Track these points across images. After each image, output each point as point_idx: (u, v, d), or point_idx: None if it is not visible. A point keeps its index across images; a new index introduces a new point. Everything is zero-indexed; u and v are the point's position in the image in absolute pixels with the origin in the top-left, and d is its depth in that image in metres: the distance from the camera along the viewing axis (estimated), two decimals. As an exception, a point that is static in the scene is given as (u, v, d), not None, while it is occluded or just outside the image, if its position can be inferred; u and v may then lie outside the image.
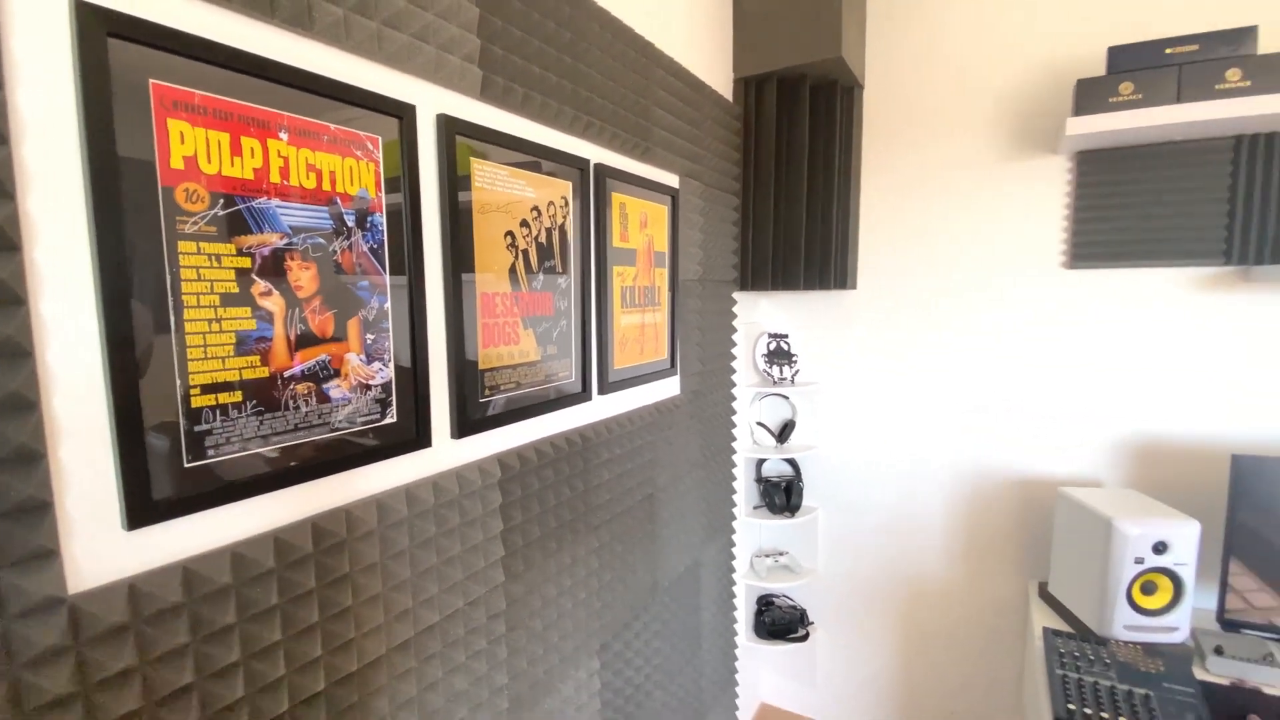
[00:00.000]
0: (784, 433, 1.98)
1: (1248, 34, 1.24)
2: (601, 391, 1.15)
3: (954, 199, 1.70)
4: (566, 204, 1.01)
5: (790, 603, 2.02)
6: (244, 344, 0.62)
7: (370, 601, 0.73)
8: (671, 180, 1.36)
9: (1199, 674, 1.21)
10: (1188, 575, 1.26)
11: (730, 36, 1.64)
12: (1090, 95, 1.34)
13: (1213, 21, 1.35)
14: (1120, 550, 1.26)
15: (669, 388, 1.42)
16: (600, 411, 1.16)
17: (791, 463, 1.99)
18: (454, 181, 0.81)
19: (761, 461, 2.02)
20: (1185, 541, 1.25)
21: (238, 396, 0.62)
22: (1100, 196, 1.51)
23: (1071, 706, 1.11)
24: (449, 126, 0.80)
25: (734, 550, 1.82)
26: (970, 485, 1.75)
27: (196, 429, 0.59)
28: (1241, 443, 1.41)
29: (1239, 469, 1.25)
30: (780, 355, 1.98)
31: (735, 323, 1.77)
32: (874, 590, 1.94)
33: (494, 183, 0.87)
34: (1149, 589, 1.28)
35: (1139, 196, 1.47)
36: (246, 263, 0.62)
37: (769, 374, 1.95)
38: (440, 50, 0.78)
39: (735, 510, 1.83)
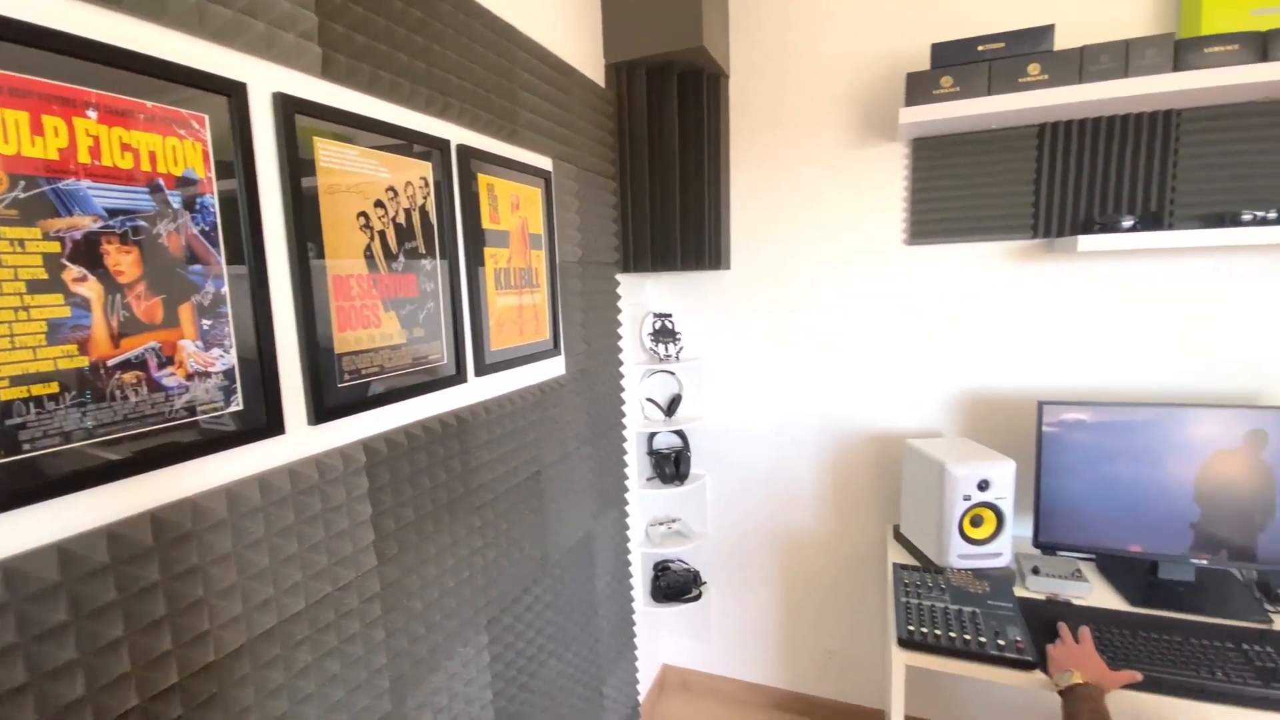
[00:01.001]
0: (672, 407, 2.08)
1: (1045, 33, 1.43)
2: (479, 373, 1.16)
3: (813, 184, 1.84)
4: (427, 185, 1.01)
5: (684, 566, 2.14)
6: (58, 332, 0.59)
7: (226, 592, 0.72)
8: (544, 163, 1.38)
9: (1020, 592, 1.42)
10: (1007, 507, 1.46)
11: (599, 22, 1.67)
12: (918, 88, 1.50)
13: (1018, 21, 1.54)
14: (952, 490, 1.45)
15: (553, 368, 1.45)
16: (478, 393, 1.17)
17: (680, 434, 2.09)
18: (296, 161, 0.79)
19: (653, 435, 2.11)
20: (1004, 478, 1.45)
21: (54, 388, 0.59)
22: (932, 179, 1.69)
23: (911, 628, 1.27)
24: (287, 105, 0.79)
25: (628, 521, 1.90)
26: (834, 443, 1.92)
27: (8, 423, 0.56)
28: (1048, 390, 1.65)
29: (1045, 413, 1.47)
30: (665, 334, 2.06)
31: (620, 303, 1.83)
32: (758, 546, 2.09)
33: (342, 163, 0.86)
34: (977, 522, 1.47)
35: (963, 179, 1.66)
36: (56, 247, 0.59)
37: (655, 352, 2.03)
38: (272, 26, 0.76)
39: (628, 483, 1.90)
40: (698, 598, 2.08)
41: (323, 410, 0.83)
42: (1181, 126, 1.47)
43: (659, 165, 1.76)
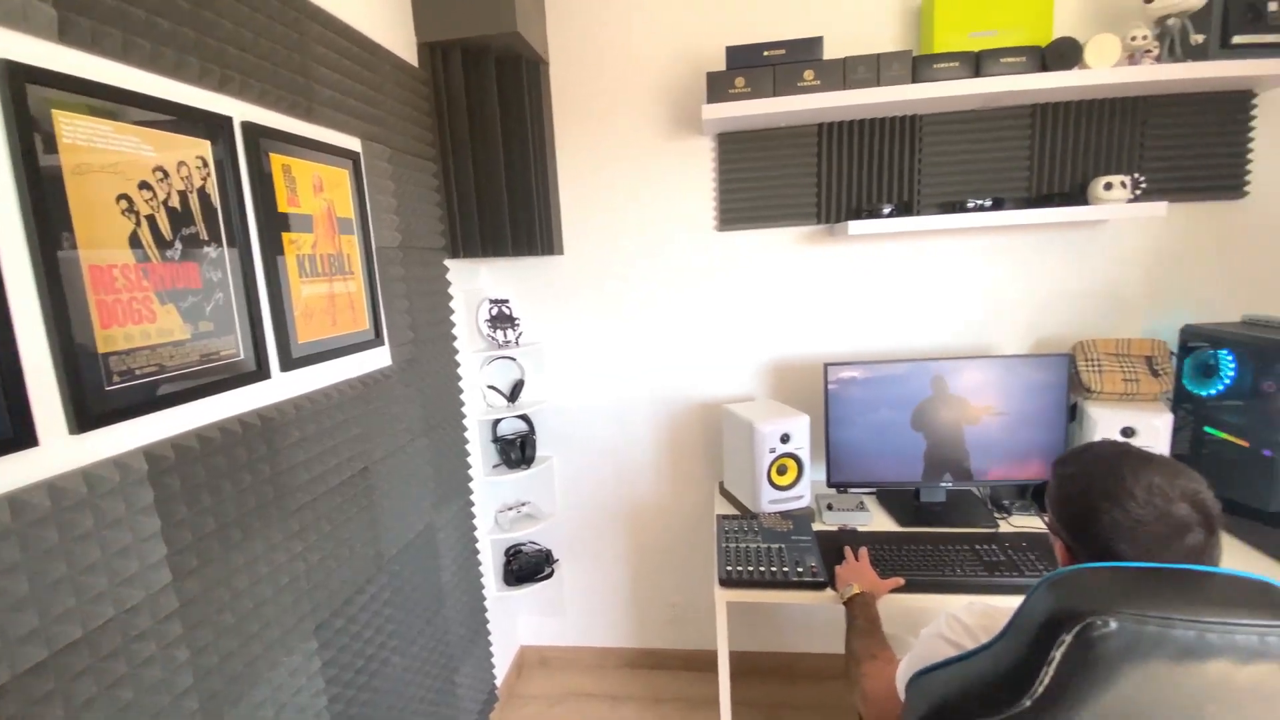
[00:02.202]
0: (515, 392, 2.09)
1: (816, 43, 1.64)
2: (285, 368, 1.09)
3: (635, 173, 1.94)
4: (206, 165, 0.93)
5: (536, 547, 2.18)
6: None
7: (-30, 631, 0.63)
8: (350, 143, 1.32)
9: (818, 526, 1.66)
10: (805, 455, 1.69)
11: (408, 1, 1.61)
12: (716, 86, 1.65)
13: (797, 30, 1.74)
14: (760, 445, 1.64)
15: (376, 359, 1.40)
16: (286, 389, 1.11)
17: (525, 419, 2.11)
18: (30, 137, 0.69)
19: (497, 421, 2.11)
20: (800, 431, 1.67)
21: None
22: (736, 171, 1.87)
23: (729, 568, 1.44)
24: (15, 74, 0.68)
25: (474, 509, 1.89)
26: (667, 415, 2.08)
27: None
28: (833, 354, 1.93)
29: (829, 373, 1.71)
30: (503, 320, 2.06)
31: (452, 290, 1.80)
32: (605, 519, 2.20)
33: (93, 140, 0.76)
34: (782, 470, 1.69)
35: (761, 171, 1.86)
36: None
37: (494, 338, 2.03)
38: (-19, -22, 0.66)
39: (472, 471, 1.89)
40: (550, 575, 2.14)
41: (87, 417, 0.74)
42: (923, 129, 1.78)
43: (482, 150, 1.75)
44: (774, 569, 1.42)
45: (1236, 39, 1.51)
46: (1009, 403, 1.68)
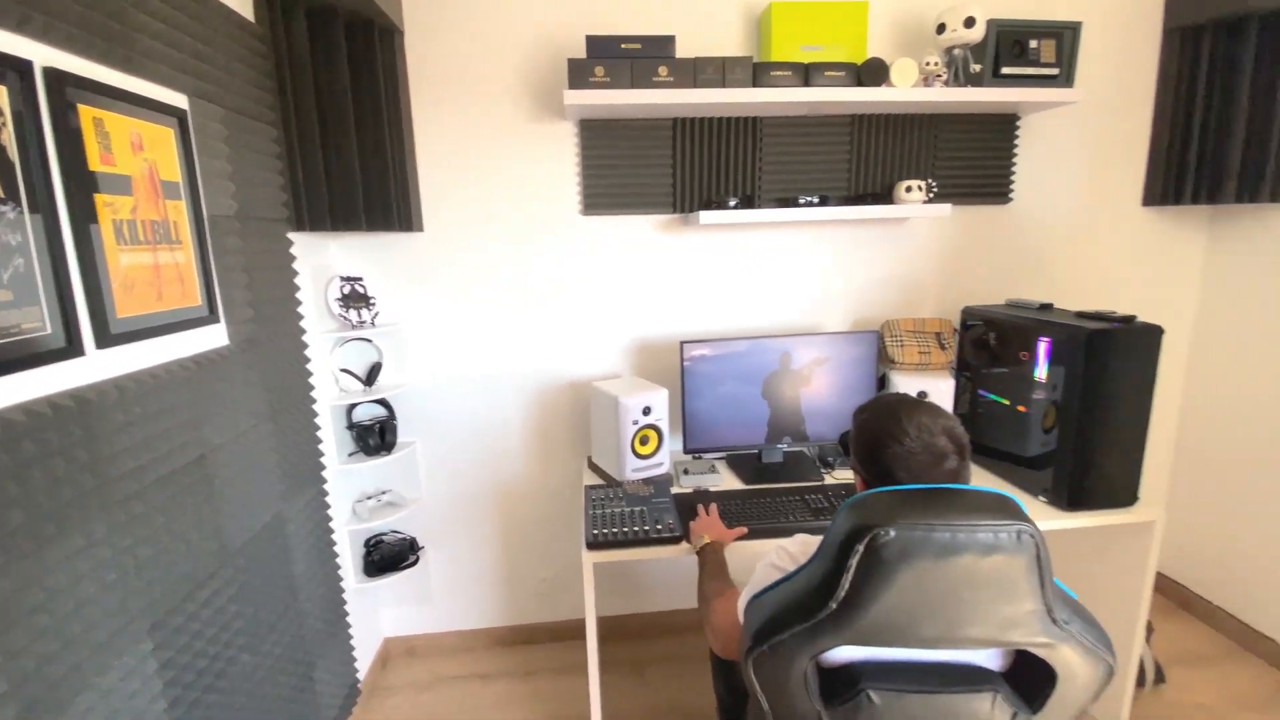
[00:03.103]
0: (372, 375, 2.00)
1: (669, 42, 1.75)
2: (102, 344, 0.99)
3: (500, 152, 1.94)
4: (1, 114, 0.81)
5: (399, 535, 2.12)
6: None
7: None
8: (175, 99, 1.19)
9: (676, 489, 1.80)
10: (665, 426, 1.83)
11: (239, -55, 1.47)
12: (577, 73, 1.70)
13: (651, 27, 1.85)
14: (624, 417, 1.75)
15: (211, 337, 1.29)
16: (104, 369, 1.00)
17: (383, 403, 2.04)
18: None
19: (353, 407, 2.01)
20: (660, 404, 1.80)
21: None
22: (599, 158, 1.95)
23: (595, 531, 1.53)
24: None
25: (328, 499, 1.80)
26: (536, 395, 2.12)
27: None
28: (688, 333, 2.09)
29: (684, 350, 1.86)
30: (357, 298, 1.96)
31: (298, 265, 1.68)
32: (473, 502, 2.19)
33: None
34: (644, 441, 1.81)
35: (623, 159, 1.95)
36: None
37: (346, 318, 1.93)
38: None
39: (325, 460, 1.80)
40: (415, 563, 2.09)
41: None
42: (763, 130, 1.97)
43: (331, 118, 1.65)
44: (636, 529, 1.53)
45: (1005, 70, 1.85)
46: (835, 373, 1.94)
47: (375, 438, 1.98)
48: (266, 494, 1.46)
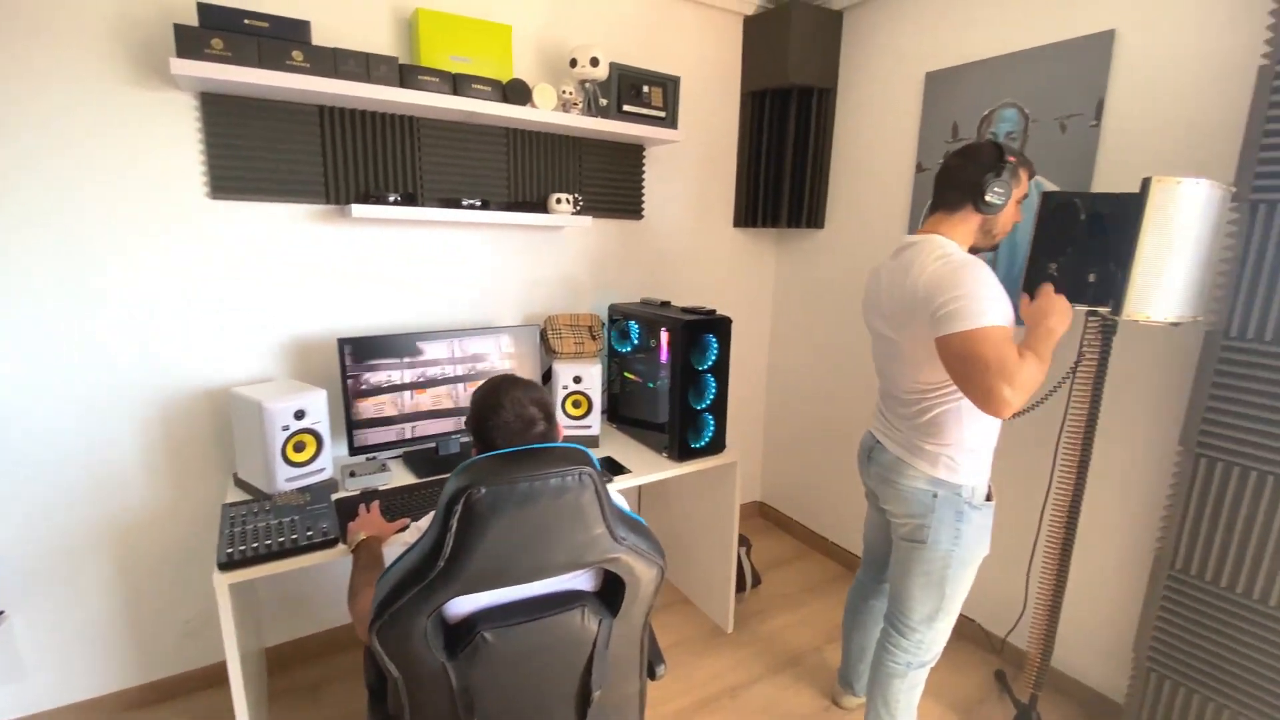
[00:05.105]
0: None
1: (304, 26, 1.67)
2: None
3: (84, 122, 1.60)
4: None
5: (-56, 608, 1.61)
6: None
7: None
8: None
9: (341, 494, 1.74)
10: (324, 429, 1.75)
11: None
12: (188, 42, 1.51)
13: (278, 7, 1.74)
14: (271, 424, 1.63)
15: None
16: None
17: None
18: None
19: None
20: (317, 406, 1.72)
21: None
22: (231, 137, 1.75)
23: (230, 550, 1.40)
24: None
25: None
26: (162, 407, 1.81)
27: None
28: (349, 329, 2.03)
29: (343, 349, 1.81)
30: None
31: None
32: (76, 543, 1.77)
33: None
34: (300, 447, 1.71)
35: (263, 142, 1.79)
36: None
37: None
38: None
39: None
40: (-26, 637, 1.61)
41: None
42: (421, 131, 2.02)
43: None
44: (283, 540, 1.45)
45: (626, 107, 2.22)
46: (504, 365, 2.10)
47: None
48: None
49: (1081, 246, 1.48)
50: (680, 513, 2.50)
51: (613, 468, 1.99)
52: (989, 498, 1.43)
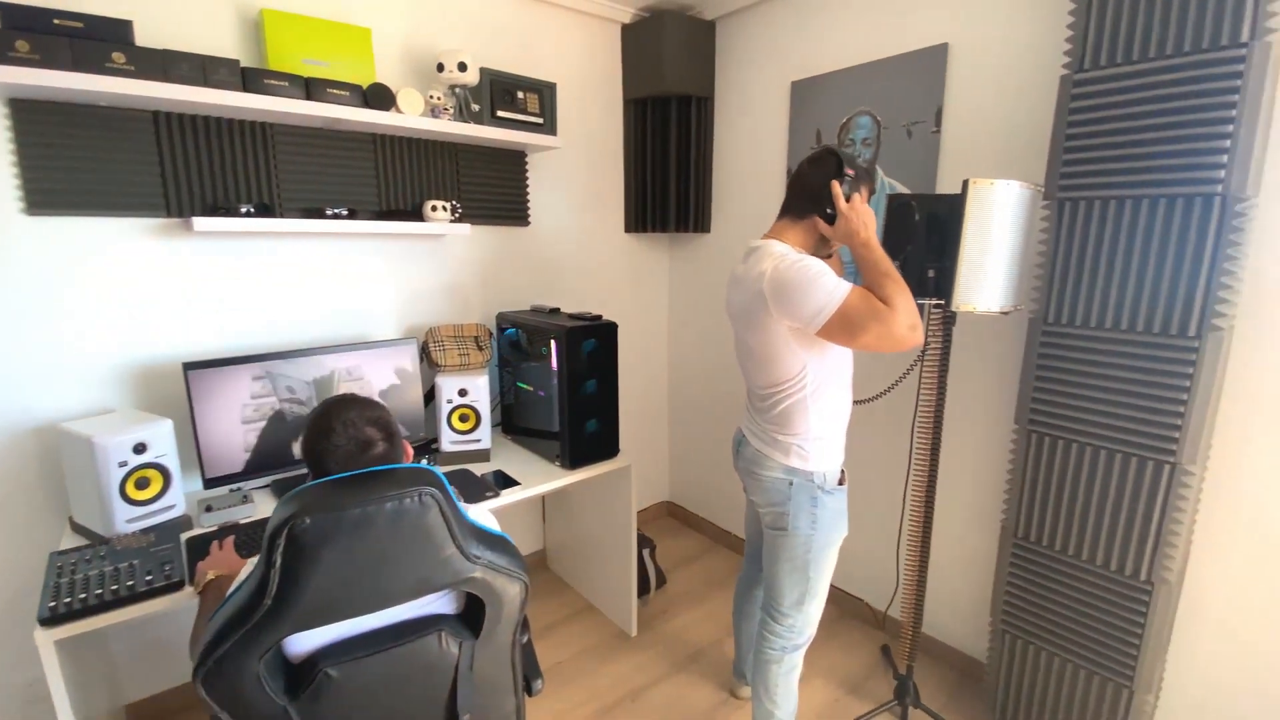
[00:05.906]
0: None
1: (125, 26, 1.53)
2: None
3: None
4: None
5: None
6: None
7: None
8: None
9: (195, 532, 1.60)
10: (171, 463, 1.61)
11: None
12: (-20, 42, 1.35)
13: (96, 6, 1.59)
14: (104, 460, 1.48)
15: None
16: None
17: None
18: None
19: None
20: (161, 438, 1.58)
21: None
22: (48, 146, 1.58)
23: (52, 603, 1.26)
24: None
25: None
26: (-37, 450, 1.61)
27: None
28: (200, 353, 1.88)
29: (189, 375, 1.67)
30: None
31: None
32: None
33: None
34: (142, 484, 1.56)
35: (86, 151, 1.63)
36: None
37: None
38: None
39: None
40: None
41: None
42: (276, 138, 1.90)
43: None
44: (115, 587, 1.32)
45: (500, 113, 2.19)
46: (384, 380, 2.01)
47: None
48: None
49: (921, 244, 1.59)
50: (581, 520, 2.48)
51: (502, 481, 1.95)
52: (841, 482, 1.51)
